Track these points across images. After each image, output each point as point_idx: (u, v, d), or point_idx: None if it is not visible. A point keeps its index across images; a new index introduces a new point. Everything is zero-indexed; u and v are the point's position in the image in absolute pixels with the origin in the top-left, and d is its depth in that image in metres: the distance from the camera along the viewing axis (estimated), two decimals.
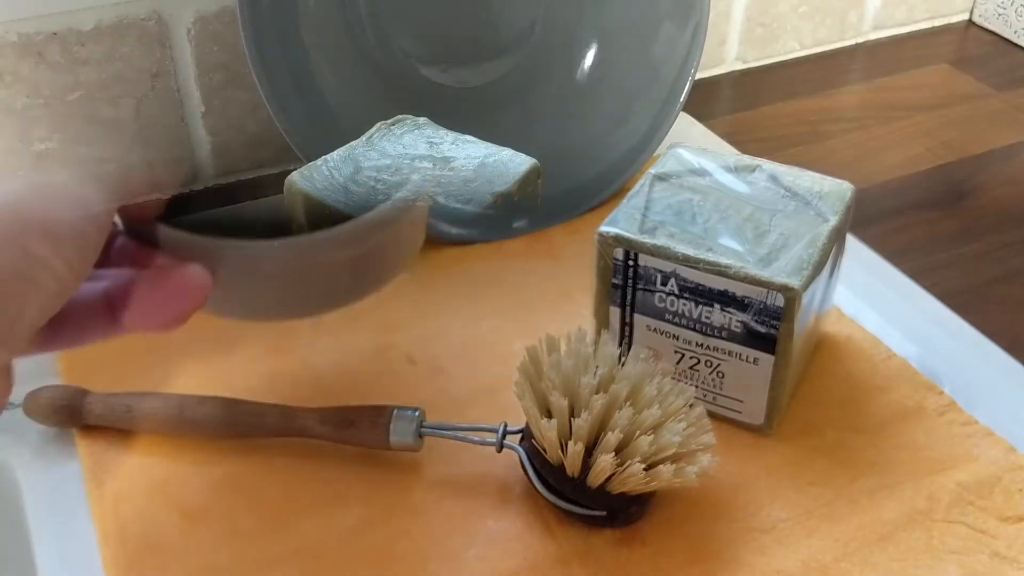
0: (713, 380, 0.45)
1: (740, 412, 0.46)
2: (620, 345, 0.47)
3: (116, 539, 0.42)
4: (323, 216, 0.43)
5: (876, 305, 0.54)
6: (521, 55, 0.64)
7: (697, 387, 0.46)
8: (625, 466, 0.38)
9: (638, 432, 0.38)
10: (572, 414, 0.39)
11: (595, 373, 0.40)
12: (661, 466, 0.38)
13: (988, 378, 0.50)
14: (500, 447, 0.42)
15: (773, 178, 0.47)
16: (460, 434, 0.43)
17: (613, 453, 0.38)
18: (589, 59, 0.64)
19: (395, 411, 0.42)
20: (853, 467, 0.45)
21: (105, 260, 0.36)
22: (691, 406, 0.41)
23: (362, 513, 0.43)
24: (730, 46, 0.79)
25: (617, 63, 0.64)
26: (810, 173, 0.48)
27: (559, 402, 0.39)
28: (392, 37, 0.61)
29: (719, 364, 0.45)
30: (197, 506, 0.43)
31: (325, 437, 0.44)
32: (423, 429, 0.43)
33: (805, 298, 0.42)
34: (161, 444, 0.46)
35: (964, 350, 0.52)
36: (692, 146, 0.50)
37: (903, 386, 0.49)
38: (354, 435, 0.43)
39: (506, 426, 0.42)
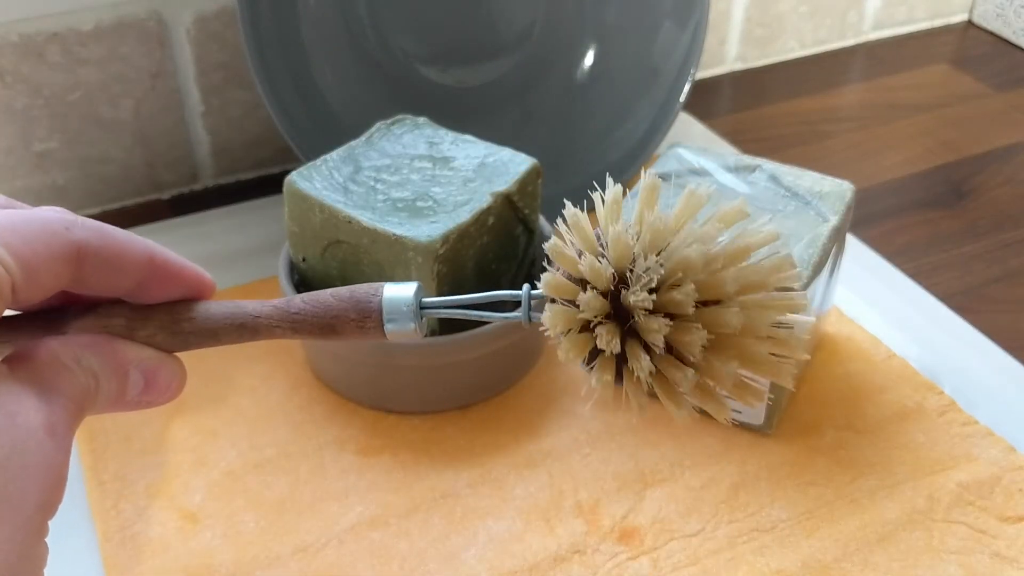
0: None
1: (740, 412, 0.46)
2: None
3: (116, 539, 0.42)
4: (454, 323, 0.45)
5: (876, 305, 0.54)
6: (521, 55, 0.64)
7: None
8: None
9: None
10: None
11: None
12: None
13: (988, 378, 0.50)
14: (529, 318, 0.31)
15: (773, 178, 0.47)
16: (473, 312, 0.32)
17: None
18: (589, 59, 0.64)
19: (384, 291, 0.31)
20: (853, 467, 0.45)
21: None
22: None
23: (362, 513, 0.43)
24: (730, 46, 0.79)
25: (617, 63, 0.64)
26: (810, 173, 0.48)
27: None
28: (392, 37, 0.61)
29: None
30: (197, 506, 0.43)
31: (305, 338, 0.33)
32: (425, 310, 0.32)
33: None
34: (162, 443, 0.46)
35: (964, 350, 0.52)
36: (692, 146, 0.50)
37: (903, 386, 0.49)
38: (341, 336, 0.32)
39: (532, 288, 0.31)
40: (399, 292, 0.31)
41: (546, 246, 0.30)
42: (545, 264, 0.31)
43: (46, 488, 0.26)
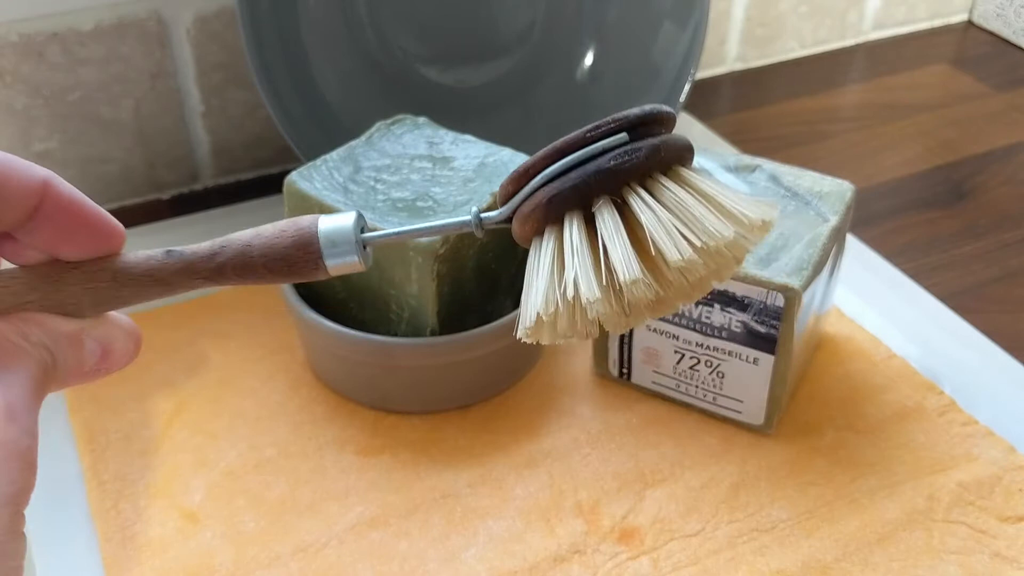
0: (713, 380, 0.45)
1: (740, 412, 0.46)
2: (620, 345, 0.47)
3: (116, 539, 0.42)
4: (454, 323, 0.45)
5: (876, 305, 0.54)
6: (521, 55, 0.64)
7: (697, 387, 0.46)
8: None
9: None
10: None
11: None
12: None
13: (988, 378, 0.50)
14: (480, 227, 0.31)
15: (773, 178, 0.47)
16: (416, 227, 0.31)
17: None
18: (589, 59, 0.64)
19: (320, 235, 0.30)
20: (853, 467, 0.45)
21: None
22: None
23: (362, 513, 0.43)
24: (730, 46, 0.79)
25: (617, 63, 0.64)
26: (810, 173, 0.48)
27: None
28: (392, 37, 0.61)
29: (719, 364, 0.45)
30: (197, 506, 0.43)
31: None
32: (367, 240, 0.31)
33: (805, 298, 0.42)
34: (162, 443, 0.46)
35: (964, 350, 0.52)
36: None
37: (903, 386, 0.49)
38: (278, 279, 0.31)
39: (480, 210, 0.31)
40: (336, 227, 0.30)
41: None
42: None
43: (14, 479, 0.23)
